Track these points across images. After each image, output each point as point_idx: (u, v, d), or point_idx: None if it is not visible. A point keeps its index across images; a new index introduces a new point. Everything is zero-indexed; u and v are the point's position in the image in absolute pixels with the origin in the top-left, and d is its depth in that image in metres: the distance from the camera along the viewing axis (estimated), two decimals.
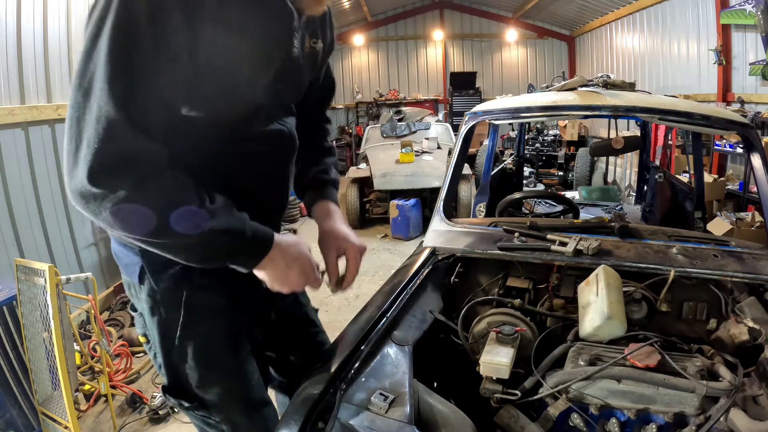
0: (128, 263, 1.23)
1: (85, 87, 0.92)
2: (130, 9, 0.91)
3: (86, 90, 0.92)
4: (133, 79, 0.93)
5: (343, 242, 1.34)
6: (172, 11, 0.95)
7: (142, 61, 0.94)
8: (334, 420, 1.08)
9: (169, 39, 0.95)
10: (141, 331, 1.31)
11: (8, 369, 2.67)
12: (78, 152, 0.91)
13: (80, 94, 0.92)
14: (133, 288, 1.26)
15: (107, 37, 0.91)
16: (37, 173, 3.64)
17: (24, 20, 3.54)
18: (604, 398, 1.36)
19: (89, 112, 0.91)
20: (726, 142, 5.91)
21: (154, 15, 0.93)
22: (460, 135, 2.50)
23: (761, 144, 2.15)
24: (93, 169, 0.89)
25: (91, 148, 0.89)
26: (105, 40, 0.91)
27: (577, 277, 1.81)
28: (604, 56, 10.93)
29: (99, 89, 0.90)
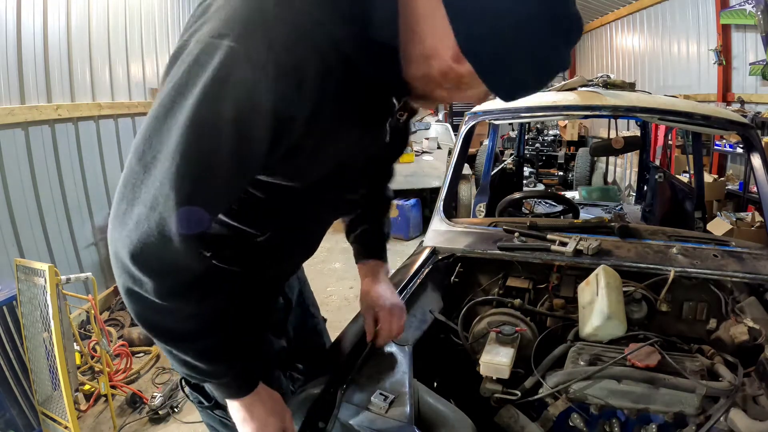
0: None
1: (146, 160, 0.75)
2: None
3: (146, 163, 0.75)
4: (202, 182, 0.76)
5: (376, 304, 1.31)
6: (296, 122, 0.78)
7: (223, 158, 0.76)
8: (334, 420, 1.08)
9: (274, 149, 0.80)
10: None
11: (8, 369, 2.66)
12: (125, 216, 0.78)
13: (138, 163, 0.76)
14: None
15: (187, 115, 0.72)
16: (37, 173, 3.64)
17: (24, 20, 3.53)
18: (604, 398, 1.35)
19: (145, 188, 0.75)
20: (726, 142, 5.91)
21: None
22: (460, 135, 2.50)
23: (761, 144, 2.15)
24: (135, 253, 0.78)
25: (140, 229, 0.76)
26: (183, 117, 0.72)
27: (577, 277, 1.81)
28: (604, 56, 10.93)
29: (162, 175, 0.74)
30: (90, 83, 4.30)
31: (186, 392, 1.27)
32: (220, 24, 0.72)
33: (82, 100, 4.17)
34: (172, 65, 0.76)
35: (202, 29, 0.74)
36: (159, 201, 0.74)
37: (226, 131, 0.73)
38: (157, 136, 0.74)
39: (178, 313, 0.85)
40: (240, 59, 0.70)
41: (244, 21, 0.71)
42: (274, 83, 0.72)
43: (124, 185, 0.78)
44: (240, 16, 0.72)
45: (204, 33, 0.73)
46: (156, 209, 0.75)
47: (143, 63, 5.21)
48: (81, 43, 4.19)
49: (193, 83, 0.71)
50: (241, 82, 0.70)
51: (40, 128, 3.68)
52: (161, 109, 0.74)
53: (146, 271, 0.79)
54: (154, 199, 0.74)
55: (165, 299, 0.82)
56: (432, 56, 0.80)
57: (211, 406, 1.25)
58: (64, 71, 3.97)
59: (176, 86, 0.73)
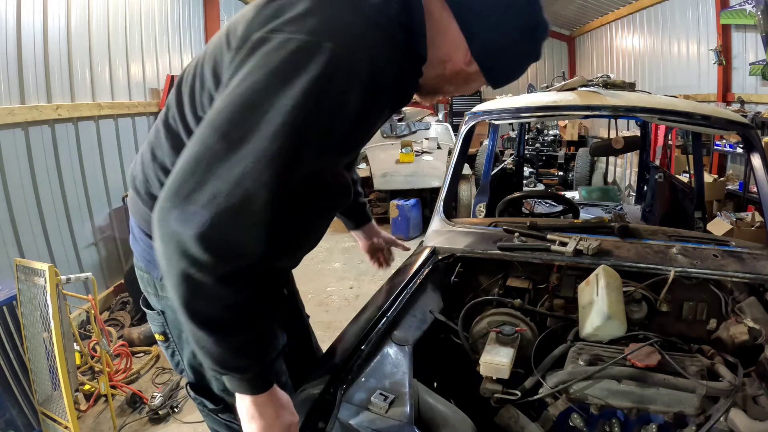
0: (152, 258, 1.17)
1: (233, 138, 0.79)
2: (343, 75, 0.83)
3: (233, 142, 0.79)
4: (299, 165, 0.84)
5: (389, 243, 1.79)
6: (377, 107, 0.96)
7: (322, 148, 0.87)
8: (334, 420, 1.08)
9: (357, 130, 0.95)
10: (159, 330, 1.28)
11: (8, 369, 2.66)
12: (194, 193, 0.79)
13: (221, 142, 0.80)
14: (153, 284, 1.23)
15: (293, 103, 0.79)
16: (37, 173, 3.64)
17: (24, 19, 3.53)
18: (604, 398, 1.36)
19: (226, 167, 0.79)
20: (726, 142, 5.91)
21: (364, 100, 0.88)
22: (460, 135, 2.50)
23: (761, 144, 2.15)
24: (205, 230, 0.78)
25: (214, 205, 0.78)
26: (289, 105, 0.79)
27: (577, 277, 1.81)
28: (604, 56, 10.94)
29: (254, 155, 0.78)
30: (90, 83, 4.30)
31: (192, 396, 1.27)
32: (320, 27, 0.84)
33: (82, 100, 4.17)
34: (249, 55, 0.85)
35: (289, 28, 0.84)
36: (248, 177, 0.78)
37: (324, 122, 0.84)
38: (250, 117, 0.80)
39: (227, 299, 0.86)
40: (342, 65, 0.83)
41: (347, 32, 0.85)
42: (365, 91, 0.87)
43: (195, 162, 0.80)
44: (341, 27, 0.85)
45: (297, 32, 0.83)
46: (242, 185, 0.78)
47: (143, 63, 5.21)
48: (81, 43, 4.19)
49: (296, 75, 0.80)
50: (340, 84, 0.84)
51: (40, 128, 3.68)
52: (253, 93, 0.81)
53: (211, 252, 0.80)
54: (242, 175, 0.78)
55: (221, 283, 0.83)
56: (447, 60, 1.03)
57: (217, 409, 1.25)
58: (64, 71, 3.97)
59: (272, 74, 0.81)
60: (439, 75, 1.06)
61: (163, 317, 1.25)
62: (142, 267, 1.25)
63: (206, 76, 1.00)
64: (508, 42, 1.02)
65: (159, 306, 1.25)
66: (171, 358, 1.31)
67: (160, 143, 1.09)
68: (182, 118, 1.05)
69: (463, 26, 0.99)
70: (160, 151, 1.09)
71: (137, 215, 1.21)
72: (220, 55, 0.97)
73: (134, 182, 1.16)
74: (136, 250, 1.27)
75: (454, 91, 1.13)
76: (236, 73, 0.86)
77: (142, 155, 1.15)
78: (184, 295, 0.85)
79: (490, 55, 1.03)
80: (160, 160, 1.09)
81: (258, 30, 0.88)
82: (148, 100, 5.26)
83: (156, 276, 1.20)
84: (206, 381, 1.25)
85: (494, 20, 0.99)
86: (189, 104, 1.04)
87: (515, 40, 1.02)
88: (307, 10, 0.86)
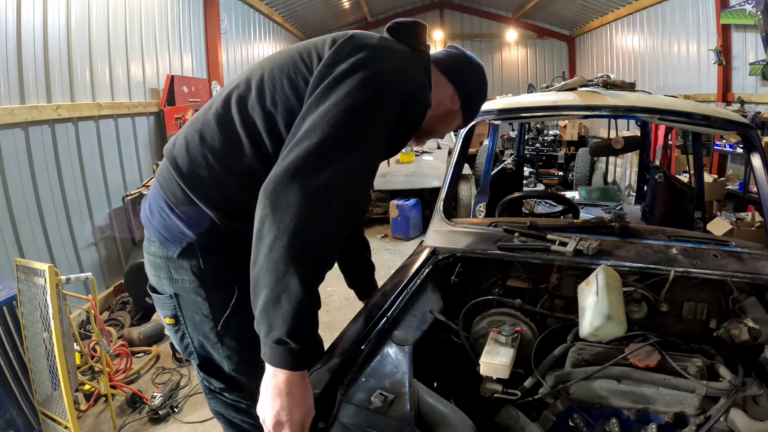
0: (172, 237, 1.28)
1: (351, 135, 1.08)
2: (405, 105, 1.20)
3: (351, 138, 1.08)
4: (379, 161, 1.22)
5: None
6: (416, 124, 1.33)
7: (389, 152, 1.34)
8: (334, 420, 1.08)
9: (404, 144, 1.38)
10: (170, 313, 1.34)
11: (8, 369, 2.66)
12: (317, 173, 1.02)
13: (341, 136, 1.07)
14: (165, 267, 1.30)
15: (389, 118, 1.16)
16: (37, 173, 3.64)
17: (24, 19, 3.54)
18: (604, 398, 1.36)
19: (346, 155, 1.06)
20: (726, 142, 5.91)
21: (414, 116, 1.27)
22: (460, 135, 2.50)
23: (761, 144, 2.15)
24: (325, 202, 1.01)
25: (336, 184, 1.03)
26: (388, 118, 1.16)
27: (577, 277, 1.81)
28: (604, 56, 10.94)
29: (367, 150, 1.11)
30: (90, 83, 4.30)
31: (201, 376, 1.36)
32: (399, 70, 1.21)
33: (82, 100, 4.17)
34: (347, 75, 1.14)
35: (374, 64, 1.17)
36: (363, 163, 1.10)
37: (395, 132, 1.21)
38: (363, 123, 1.11)
39: (332, 264, 1.08)
40: (413, 98, 1.24)
41: (413, 78, 1.25)
42: (416, 117, 1.30)
43: (319, 149, 1.04)
44: (409, 73, 1.24)
45: (383, 67, 1.18)
46: (357, 169, 1.08)
47: (143, 63, 5.21)
48: (81, 42, 4.19)
49: (392, 99, 1.17)
50: (410, 110, 1.24)
51: (40, 128, 3.68)
52: (364, 105, 1.11)
53: (333, 217, 1.03)
54: (358, 161, 1.08)
55: (336, 246, 1.07)
56: (441, 103, 1.43)
57: (224, 388, 1.34)
58: (64, 71, 3.97)
59: (377, 94, 1.14)
60: (434, 116, 1.41)
61: (175, 300, 1.32)
62: (156, 249, 1.32)
63: (282, 83, 1.25)
64: (475, 86, 1.48)
65: (172, 289, 1.32)
66: (180, 342, 1.37)
67: (211, 131, 1.28)
68: (242, 113, 1.26)
69: (449, 77, 1.42)
70: (211, 137, 1.28)
71: (168, 191, 1.31)
72: (299, 70, 1.25)
73: (175, 161, 1.31)
74: (152, 229, 1.33)
75: (443, 130, 1.50)
76: (337, 86, 1.13)
77: (187, 138, 1.31)
78: (298, 255, 0.98)
79: (468, 94, 1.46)
80: (210, 144, 1.27)
81: (347, 58, 1.17)
82: (148, 100, 5.26)
83: (173, 254, 1.28)
84: (217, 362, 1.33)
85: (466, 74, 1.46)
86: (257, 103, 1.25)
87: (478, 86, 1.49)
88: (383, 52, 1.22)
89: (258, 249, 1.01)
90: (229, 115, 1.28)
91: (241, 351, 1.31)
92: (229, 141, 1.26)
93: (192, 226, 1.27)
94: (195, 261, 1.27)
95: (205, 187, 1.26)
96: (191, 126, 1.34)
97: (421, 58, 1.32)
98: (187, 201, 1.27)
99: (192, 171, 1.27)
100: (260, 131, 1.24)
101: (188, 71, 6.30)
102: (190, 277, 1.28)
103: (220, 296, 1.28)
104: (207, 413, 2.96)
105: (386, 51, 1.23)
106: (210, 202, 1.26)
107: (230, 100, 1.29)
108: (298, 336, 1.00)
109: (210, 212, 1.26)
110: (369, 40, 1.24)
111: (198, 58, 6.66)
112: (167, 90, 5.49)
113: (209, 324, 1.30)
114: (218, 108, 1.30)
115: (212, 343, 1.32)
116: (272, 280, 0.99)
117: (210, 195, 1.26)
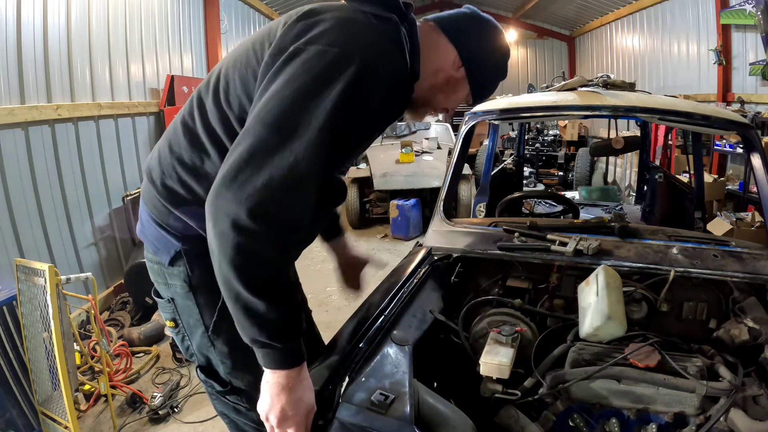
0: (162, 246, 1.28)
1: (285, 132, 0.98)
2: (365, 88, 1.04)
3: (285, 135, 0.97)
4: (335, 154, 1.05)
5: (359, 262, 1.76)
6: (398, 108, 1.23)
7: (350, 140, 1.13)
8: (334, 419, 1.08)
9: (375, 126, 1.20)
10: (169, 317, 1.35)
11: (8, 369, 2.66)
12: (251, 178, 0.95)
13: (274, 135, 0.97)
14: (161, 273, 1.31)
15: (334, 102, 1.00)
16: (37, 173, 3.64)
17: (24, 19, 3.54)
18: (604, 398, 1.36)
19: (279, 156, 0.96)
20: (726, 142, 5.91)
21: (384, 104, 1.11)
22: (460, 135, 2.50)
23: (761, 144, 2.15)
24: (259, 208, 0.94)
25: (270, 186, 0.95)
26: (330, 104, 0.99)
27: (577, 277, 1.81)
28: (604, 56, 10.93)
29: (304, 146, 0.97)
30: (90, 83, 4.30)
31: (201, 379, 1.37)
32: (350, 41, 1.06)
33: (82, 100, 4.17)
34: (288, 62, 1.03)
35: (323, 41, 1.04)
36: (302, 162, 0.97)
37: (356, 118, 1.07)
38: (299, 114, 0.99)
39: (282, 267, 1.00)
40: (368, 75, 1.04)
41: (371, 47, 1.08)
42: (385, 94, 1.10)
43: (250, 153, 0.97)
44: (367, 43, 1.08)
45: (330, 45, 1.04)
46: (296, 169, 0.97)
47: (143, 63, 5.21)
48: (81, 42, 4.19)
49: (334, 80, 1.01)
50: (368, 88, 1.06)
51: (40, 128, 3.68)
52: (300, 95, 1.00)
53: (269, 223, 0.95)
54: (296, 161, 0.97)
55: (278, 252, 0.98)
56: (440, 69, 1.24)
57: (224, 391, 1.34)
58: (64, 71, 3.97)
59: (315, 79, 1.01)
60: (432, 85, 1.26)
61: (173, 304, 1.32)
62: (152, 256, 1.33)
63: (235, 81, 1.16)
64: (486, 51, 1.28)
65: (168, 294, 1.33)
66: (181, 344, 1.38)
67: (177, 139, 1.24)
68: (203, 117, 1.20)
69: (452, 38, 1.24)
70: (177, 146, 1.23)
71: (150, 204, 1.30)
72: (250, 64, 1.15)
73: (150, 174, 1.29)
74: (146, 240, 1.34)
75: (444, 101, 1.30)
76: (276, 77, 1.03)
77: (159, 149, 1.29)
78: (239, 265, 0.95)
79: (474, 60, 1.25)
80: (177, 154, 1.23)
81: (292, 42, 1.06)
82: (148, 100, 5.26)
83: (165, 262, 1.28)
84: (214, 365, 1.33)
85: (474, 35, 1.26)
86: (213, 105, 1.19)
87: (490, 50, 1.28)
88: (334, 27, 1.08)
89: (214, 264, 1.00)
90: (192, 120, 1.22)
91: (233, 355, 1.30)
92: (195, 148, 1.21)
93: (176, 236, 1.25)
94: (183, 267, 1.26)
95: (179, 196, 1.23)
96: (164, 137, 1.31)
97: (388, 24, 1.13)
98: (166, 213, 1.26)
99: (164, 183, 1.25)
100: (220, 136, 1.18)
101: (188, 71, 6.30)
102: (181, 282, 1.28)
103: (208, 301, 1.27)
104: (207, 413, 2.96)
105: (337, 27, 1.07)
106: (186, 211, 1.23)
107: (193, 105, 1.24)
108: (278, 337, 1.00)
109: (189, 221, 1.24)
110: (318, 17, 1.11)
111: (198, 58, 6.66)
112: (167, 90, 5.49)
113: (201, 328, 1.30)
114: (184, 114, 1.26)
115: (206, 347, 1.32)
116: (231, 294, 0.98)
117: (185, 204, 1.23)
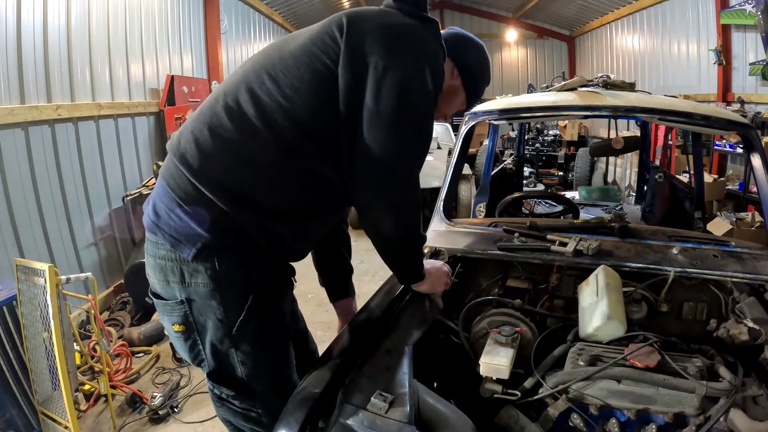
0: (185, 238, 1.21)
1: (418, 130, 1.32)
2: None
3: (418, 133, 1.32)
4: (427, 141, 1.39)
5: None
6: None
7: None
8: (334, 420, 1.08)
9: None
10: (179, 320, 1.28)
11: (8, 369, 2.66)
12: (404, 161, 1.30)
13: (415, 134, 1.32)
14: (179, 271, 1.23)
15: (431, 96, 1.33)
16: (37, 173, 3.64)
17: (24, 19, 3.54)
18: (604, 398, 1.35)
19: (418, 147, 1.34)
20: (726, 142, 5.91)
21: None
22: (460, 135, 2.50)
23: (761, 144, 2.15)
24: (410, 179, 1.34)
25: (413, 166, 1.34)
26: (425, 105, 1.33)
27: (577, 277, 1.81)
28: (604, 56, 10.93)
29: (422, 138, 1.35)
30: (90, 83, 4.30)
31: (210, 386, 1.35)
32: (424, 56, 1.33)
33: (82, 100, 4.17)
34: (386, 73, 1.24)
35: (400, 59, 1.28)
36: (424, 149, 1.36)
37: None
38: (418, 119, 1.31)
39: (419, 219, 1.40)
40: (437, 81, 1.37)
41: (437, 61, 1.38)
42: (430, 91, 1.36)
43: (412, 131, 1.30)
44: (435, 58, 1.37)
45: (418, 60, 1.31)
46: (423, 154, 1.37)
47: (143, 63, 5.21)
48: (81, 42, 4.19)
49: (424, 88, 1.31)
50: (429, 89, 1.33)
51: (40, 128, 3.68)
52: (413, 98, 1.29)
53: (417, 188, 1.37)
54: (423, 149, 1.36)
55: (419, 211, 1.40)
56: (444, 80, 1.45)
57: (235, 396, 1.31)
58: (64, 71, 3.97)
59: (408, 88, 1.27)
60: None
61: (187, 305, 1.25)
62: (166, 253, 1.25)
63: (299, 70, 1.27)
64: (477, 62, 1.55)
65: (183, 294, 1.25)
66: (190, 350, 1.31)
67: (221, 124, 1.27)
68: (258, 104, 1.26)
69: (447, 52, 1.45)
70: (222, 130, 1.26)
71: (178, 189, 1.25)
72: (315, 55, 1.29)
73: (184, 157, 1.27)
74: (162, 233, 1.26)
75: (446, 107, 1.55)
76: (382, 81, 1.24)
77: (194, 133, 1.29)
78: (411, 227, 1.38)
79: (468, 68, 1.52)
80: (222, 137, 1.26)
81: (382, 58, 1.26)
82: (148, 100, 5.26)
83: (188, 256, 1.21)
84: (228, 369, 1.29)
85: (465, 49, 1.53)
86: (273, 88, 1.26)
87: (480, 62, 1.56)
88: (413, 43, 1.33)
89: (386, 235, 1.40)
90: (241, 108, 1.26)
91: (256, 355, 1.28)
92: (244, 133, 1.25)
93: (205, 225, 1.21)
94: (210, 263, 1.21)
95: (218, 181, 1.23)
96: (197, 121, 1.31)
97: (432, 27, 1.38)
98: (198, 197, 1.22)
99: (203, 165, 1.24)
100: (277, 121, 1.24)
101: (188, 71, 6.31)
102: (205, 280, 1.22)
103: (236, 299, 1.23)
104: (207, 413, 2.96)
105: (410, 32, 1.33)
106: (224, 195, 1.22)
107: (239, 93, 1.28)
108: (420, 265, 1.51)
109: (223, 206, 1.21)
110: (388, 19, 1.34)
111: (198, 58, 6.66)
112: (167, 90, 5.49)
113: (223, 329, 1.25)
114: (228, 102, 1.28)
115: (226, 348, 1.28)
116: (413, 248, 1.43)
117: (223, 188, 1.22)
